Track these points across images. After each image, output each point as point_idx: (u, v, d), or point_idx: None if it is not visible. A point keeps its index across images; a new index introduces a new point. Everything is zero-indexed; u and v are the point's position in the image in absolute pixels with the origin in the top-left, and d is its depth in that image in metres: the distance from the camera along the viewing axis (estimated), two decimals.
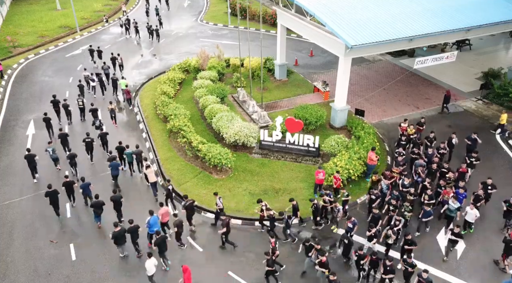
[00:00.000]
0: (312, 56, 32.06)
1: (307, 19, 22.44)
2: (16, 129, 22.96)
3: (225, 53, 29.53)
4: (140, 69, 30.55)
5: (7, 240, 15.44)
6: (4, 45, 33.90)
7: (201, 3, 48.53)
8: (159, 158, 20.28)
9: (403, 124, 19.99)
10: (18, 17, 41.58)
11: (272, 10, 37.26)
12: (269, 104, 24.65)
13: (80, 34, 37.55)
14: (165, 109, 22.85)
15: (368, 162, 17.73)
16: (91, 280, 13.76)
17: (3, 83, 28.20)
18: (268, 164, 19.41)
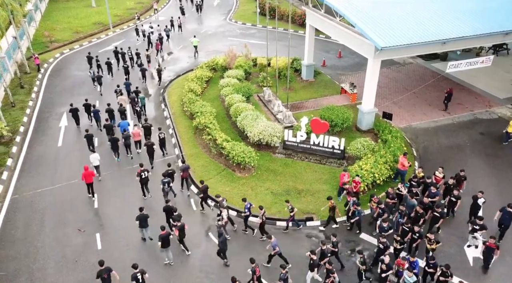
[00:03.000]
0: (340, 57, 31.68)
1: (337, 20, 22.18)
2: (49, 120, 23.90)
3: (253, 52, 29.62)
4: (169, 66, 31.10)
5: (38, 226, 16.11)
6: (41, 40, 35.35)
7: (231, 2, 48.86)
8: (185, 154, 20.59)
9: (438, 174, 16.55)
10: (56, 14, 43.25)
11: (301, 10, 37.07)
12: (295, 104, 24.54)
13: (113, 31, 38.63)
14: (191, 106, 23.17)
15: (400, 168, 17.36)
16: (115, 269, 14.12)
17: (40, 76, 29.40)
18: (292, 165, 19.34)
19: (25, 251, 14.97)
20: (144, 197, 17.54)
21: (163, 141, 20.06)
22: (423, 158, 19.72)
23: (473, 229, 14.28)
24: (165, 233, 13.92)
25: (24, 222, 16.35)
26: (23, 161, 20.22)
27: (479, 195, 15.00)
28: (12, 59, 29.09)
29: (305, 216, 16.29)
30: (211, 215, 16.69)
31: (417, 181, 16.29)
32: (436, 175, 16.60)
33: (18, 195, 17.87)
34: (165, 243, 13.92)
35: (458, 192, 15.48)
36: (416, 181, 16.23)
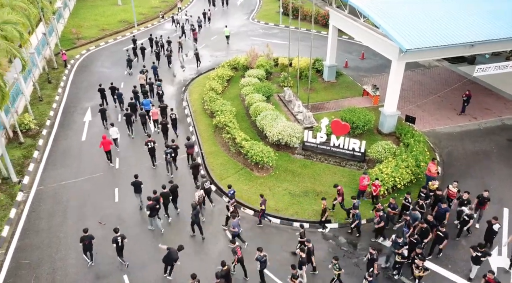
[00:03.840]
0: (363, 58, 31.24)
1: (361, 21, 21.88)
2: (74, 115, 24.55)
3: (274, 52, 29.56)
4: (191, 65, 31.41)
5: (61, 217, 16.58)
6: (69, 37, 36.36)
7: (254, 1, 48.94)
8: (204, 151, 20.76)
9: (452, 188, 15.77)
10: (83, 11, 44.40)
11: (324, 11, 36.74)
12: (315, 105, 24.35)
13: (137, 29, 39.34)
14: (212, 105, 23.34)
15: (427, 173, 17.01)
16: (133, 263, 14.40)
17: (66, 72, 30.25)
18: (310, 166, 19.20)
19: (48, 241, 15.43)
20: (153, 167, 19.37)
21: (174, 121, 21.58)
22: (446, 163, 19.22)
23: (476, 256, 12.94)
24: (151, 203, 15.13)
25: (48, 213, 16.86)
26: (49, 153, 20.85)
27: (493, 221, 13.85)
28: (41, 54, 30.02)
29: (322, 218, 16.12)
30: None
31: (427, 193, 15.61)
32: (449, 189, 15.71)
33: (43, 186, 18.44)
34: (152, 212, 15.31)
35: (471, 210, 14.55)
36: (425, 193, 15.56)
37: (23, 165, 19.66)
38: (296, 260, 13.64)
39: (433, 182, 15.93)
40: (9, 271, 14.14)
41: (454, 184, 15.72)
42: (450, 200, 15.74)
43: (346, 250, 14.89)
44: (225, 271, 12.70)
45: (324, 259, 14.31)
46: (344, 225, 15.89)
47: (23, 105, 24.41)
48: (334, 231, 15.79)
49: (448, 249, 14.34)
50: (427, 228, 13.77)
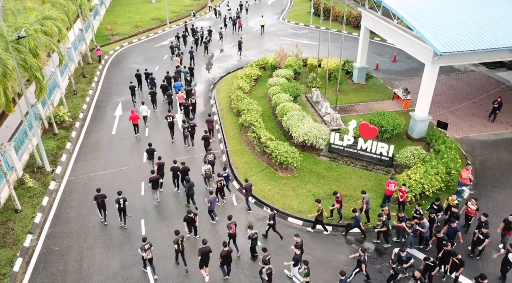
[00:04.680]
0: (395, 61, 30.50)
1: (394, 23, 21.36)
2: (106, 109, 25.33)
3: (304, 52, 29.38)
4: (220, 63, 31.72)
5: (90, 207, 17.14)
6: (104, 33, 37.54)
7: (285, 1, 48.81)
8: (229, 149, 20.90)
9: (471, 205, 14.82)
10: (118, 8, 45.72)
11: (356, 12, 36.14)
12: (344, 107, 24.00)
13: (169, 27, 40.11)
14: (239, 104, 23.46)
15: (459, 180, 16.48)
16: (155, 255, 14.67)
17: (100, 67, 31.25)
18: (336, 169, 18.94)
19: (77, 229, 15.99)
20: (172, 140, 21.52)
21: (194, 105, 23.43)
22: (479, 172, 18.47)
23: None
24: (154, 176, 16.58)
25: (78, 203, 17.48)
26: (81, 145, 21.61)
27: (511, 249, 12.69)
28: (77, 49, 31.14)
29: (346, 222, 15.88)
30: None
31: (439, 205, 14.92)
32: (468, 206, 14.78)
33: (74, 177, 19.13)
34: (154, 185, 16.67)
35: (487, 230, 13.50)
36: (438, 205, 14.89)
37: (57, 156, 20.46)
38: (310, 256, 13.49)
39: (453, 197, 15.10)
40: (40, 256, 14.77)
41: (472, 202, 14.75)
42: (470, 218, 14.92)
43: (369, 255, 14.58)
44: (227, 251, 13.10)
45: (346, 264, 14.08)
46: (368, 230, 15.56)
47: (59, 98, 25.41)
48: (356, 235, 15.49)
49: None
50: (461, 261, 12.41)
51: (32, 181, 18.21)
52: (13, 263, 14.29)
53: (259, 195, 17.64)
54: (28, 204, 17.10)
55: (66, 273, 14.07)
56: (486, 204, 16.52)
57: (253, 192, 17.70)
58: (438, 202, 14.94)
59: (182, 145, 21.25)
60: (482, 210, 15.43)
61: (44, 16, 20.86)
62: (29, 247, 15.14)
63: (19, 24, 17.98)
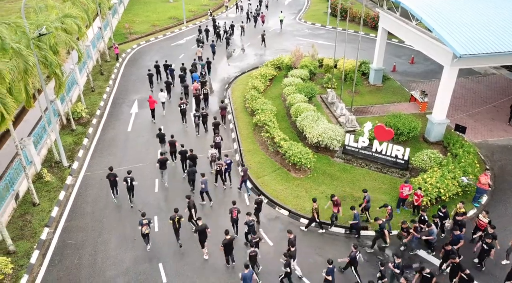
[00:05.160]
0: (412, 63, 30.04)
1: (412, 24, 21.04)
2: (122, 106, 25.69)
3: (320, 53, 29.22)
4: (236, 63, 31.80)
5: (104, 202, 17.42)
6: (122, 31, 38.08)
7: (302, 1, 48.62)
8: (242, 149, 20.93)
9: (482, 218, 14.40)
10: (136, 7, 46.32)
11: (374, 13, 35.75)
12: (359, 108, 23.76)
13: (186, 26, 40.42)
14: (253, 103, 23.47)
15: (477, 185, 16.14)
16: (168, 252, 14.84)
17: (117, 65, 31.71)
18: (350, 170, 18.77)
19: (92, 224, 16.27)
20: (185, 123, 23.11)
21: (206, 96, 24.40)
22: (498, 178, 18.03)
23: None
24: (162, 158, 17.62)
25: (93, 198, 17.78)
26: (97, 141, 21.97)
27: None
28: (95, 47, 31.69)
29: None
30: None
31: (445, 212, 14.63)
32: (480, 219, 14.41)
33: (90, 172, 19.46)
34: (162, 166, 17.68)
35: (491, 240, 13.09)
36: (444, 212, 14.62)
37: (74, 151, 20.86)
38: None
39: (460, 205, 14.73)
40: (56, 249, 15.08)
41: (484, 214, 14.40)
42: (481, 231, 14.35)
43: (382, 259, 14.39)
44: (228, 239, 13.50)
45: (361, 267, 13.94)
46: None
47: (77, 94, 25.89)
48: (369, 239, 15.31)
49: None
50: (469, 277, 11.88)
51: (49, 176, 18.60)
52: (30, 255, 14.64)
53: (271, 195, 17.63)
54: (46, 198, 17.48)
55: (80, 266, 14.33)
56: (505, 210, 16.13)
57: (266, 191, 17.74)
58: (445, 210, 14.64)
59: (193, 132, 22.45)
60: (502, 217, 15.13)
61: (64, 14, 21.29)
62: (45, 240, 15.48)
63: (40, 21, 18.42)
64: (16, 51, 14.96)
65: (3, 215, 15.55)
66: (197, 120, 22.05)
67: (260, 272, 13.90)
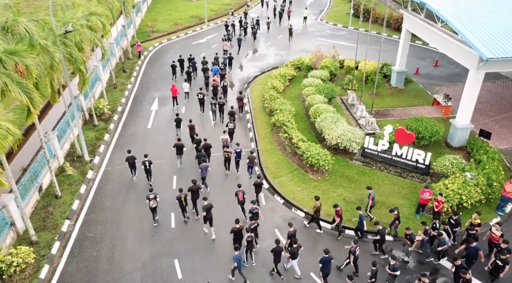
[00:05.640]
0: (436, 66, 29.37)
1: (437, 26, 20.56)
2: (143, 103, 26.09)
3: (341, 54, 28.91)
4: (255, 62, 31.82)
5: (124, 198, 17.74)
6: (145, 30, 38.67)
7: (324, 2, 48.23)
8: (260, 148, 20.93)
9: (495, 231, 13.80)
10: (159, 6, 46.93)
11: (398, 14, 35.14)
12: (380, 111, 23.39)
13: (207, 25, 40.71)
14: (272, 103, 23.42)
15: (502, 193, 15.68)
16: (183, 249, 14.98)
17: (139, 62, 32.22)
18: (369, 174, 18.51)
19: (111, 218, 16.59)
20: (202, 113, 24.26)
21: (225, 88, 25.39)
22: None
23: None
24: (180, 143, 18.91)
25: (112, 192, 18.12)
26: (118, 137, 22.39)
27: None
28: (119, 45, 32.28)
29: (376, 229, 15.43)
30: None
31: (457, 220, 14.16)
32: (492, 232, 13.83)
33: (111, 167, 19.85)
34: (178, 151, 18.96)
35: (506, 256, 12.56)
36: (455, 220, 14.16)
37: (95, 146, 21.31)
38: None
39: (476, 216, 14.24)
40: (76, 242, 15.45)
41: (497, 227, 13.87)
42: (494, 245, 13.74)
43: (399, 265, 14.12)
44: (238, 228, 13.89)
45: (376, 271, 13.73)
46: (399, 239, 15.08)
47: (100, 91, 26.45)
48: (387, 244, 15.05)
49: None
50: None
51: (71, 169, 19.07)
52: (51, 246, 15.04)
53: (288, 196, 17.56)
54: (67, 191, 17.93)
55: (99, 259, 14.63)
56: None
57: (282, 192, 17.70)
58: (456, 217, 14.23)
59: (210, 123, 23.53)
60: None
61: (90, 12, 21.76)
62: (66, 232, 15.87)
63: (67, 19, 18.87)
64: (43, 47, 15.39)
65: (27, 206, 16.02)
66: (214, 108, 23.26)
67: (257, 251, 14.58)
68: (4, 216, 14.70)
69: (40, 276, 13.77)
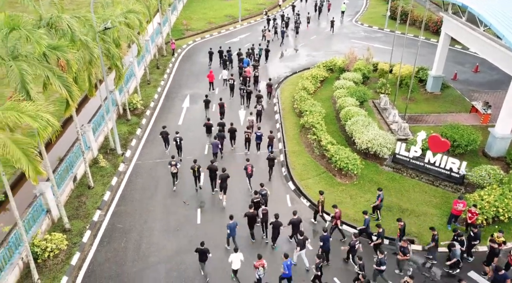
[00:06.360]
0: (476, 72, 28.16)
1: (480, 30, 19.70)
2: (175, 100, 26.60)
3: (375, 56, 28.29)
4: (287, 63, 31.70)
5: (152, 192, 18.17)
6: (179, 28, 39.41)
7: (360, 3, 47.37)
8: (287, 149, 20.83)
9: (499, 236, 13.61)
10: (194, 4, 47.70)
11: (437, 17, 33.97)
12: (413, 116, 22.70)
13: (241, 24, 40.95)
14: (302, 104, 23.25)
15: None
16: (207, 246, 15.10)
17: (173, 59, 32.87)
18: (399, 180, 18.02)
19: (139, 211, 17.04)
20: (232, 97, 25.99)
21: (256, 78, 26.54)
22: None
23: None
24: (209, 123, 20.60)
25: (142, 186, 18.60)
26: (149, 132, 22.94)
27: None
28: (154, 42, 33.07)
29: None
30: None
31: (476, 233, 13.49)
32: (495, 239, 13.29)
33: (141, 161, 20.38)
34: (208, 130, 20.63)
35: None
36: (475, 233, 13.49)
37: (127, 140, 21.94)
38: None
39: (499, 234, 13.54)
40: (106, 231, 15.98)
41: (500, 235, 13.27)
42: None
43: (427, 276, 13.68)
44: (251, 213, 14.59)
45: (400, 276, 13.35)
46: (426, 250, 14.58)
47: (134, 86, 27.19)
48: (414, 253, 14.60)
49: None
50: None
51: (104, 162, 19.73)
52: (83, 234, 15.64)
53: (314, 199, 17.36)
54: (100, 182, 18.57)
55: (126, 250, 15.07)
56: None
57: (308, 194, 17.58)
58: (476, 230, 13.60)
59: (238, 108, 25.09)
60: None
61: (128, 9, 22.40)
62: (97, 221, 16.45)
63: (106, 16, 19.53)
64: (83, 43, 15.99)
65: (62, 194, 16.72)
66: (243, 93, 25.07)
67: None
68: (41, 203, 15.42)
69: (71, 263, 14.34)
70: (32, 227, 14.61)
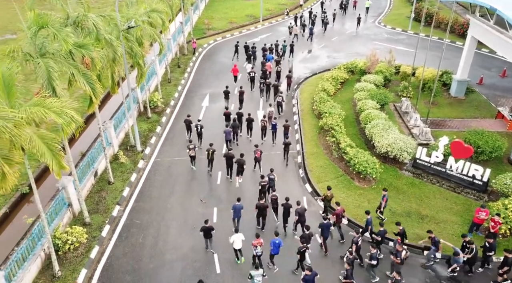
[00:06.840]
0: (504, 76, 27.32)
1: (508, 34, 19.11)
2: (195, 99, 26.84)
3: (397, 59, 27.82)
4: (307, 64, 31.52)
5: (170, 190, 18.39)
6: (201, 27, 39.74)
7: (383, 4, 46.65)
8: (305, 151, 20.72)
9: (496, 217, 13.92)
10: (216, 4, 48.00)
11: (464, 19, 33.11)
12: (435, 121, 22.20)
13: (262, 24, 40.96)
14: (321, 106, 23.07)
15: None
16: (223, 245, 15.21)
17: (194, 59, 33.17)
18: (419, 186, 17.67)
19: (157, 208, 17.28)
20: (253, 90, 26.85)
21: (278, 73, 27.31)
22: None
23: None
24: (227, 112, 22.00)
25: (160, 183, 18.85)
26: (169, 130, 23.23)
27: None
28: (175, 41, 33.45)
29: (423, 245, 14.70)
30: None
31: (492, 244, 13.13)
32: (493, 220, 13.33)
33: (160, 159, 20.66)
34: (227, 119, 21.71)
35: None
36: (490, 244, 13.13)
37: (147, 137, 22.29)
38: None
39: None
40: (124, 226, 16.28)
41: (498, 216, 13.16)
42: None
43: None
44: (261, 204, 15.14)
45: None
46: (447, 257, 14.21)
47: (155, 84, 27.59)
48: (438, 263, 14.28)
49: None
50: None
51: (124, 158, 20.10)
52: (102, 228, 15.99)
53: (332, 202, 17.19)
54: (119, 178, 18.93)
55: (143, 245, 15.31)
56: None
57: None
58: (491, 240, 13.17)
59: (258, 99, 26.08)
60: None
61: (152, 8, 22.76)
62: (116, 216, 16.78)
63: (130, 15, 19.89)
64: (107, 41, 16.33)
65: (83, 189, 17.14)
66: (262, 86, 26.07)
67: None
68: (63, 196, 15.85)
69: (90, 256, 14.68)
70: (54, 220, 15.03)
